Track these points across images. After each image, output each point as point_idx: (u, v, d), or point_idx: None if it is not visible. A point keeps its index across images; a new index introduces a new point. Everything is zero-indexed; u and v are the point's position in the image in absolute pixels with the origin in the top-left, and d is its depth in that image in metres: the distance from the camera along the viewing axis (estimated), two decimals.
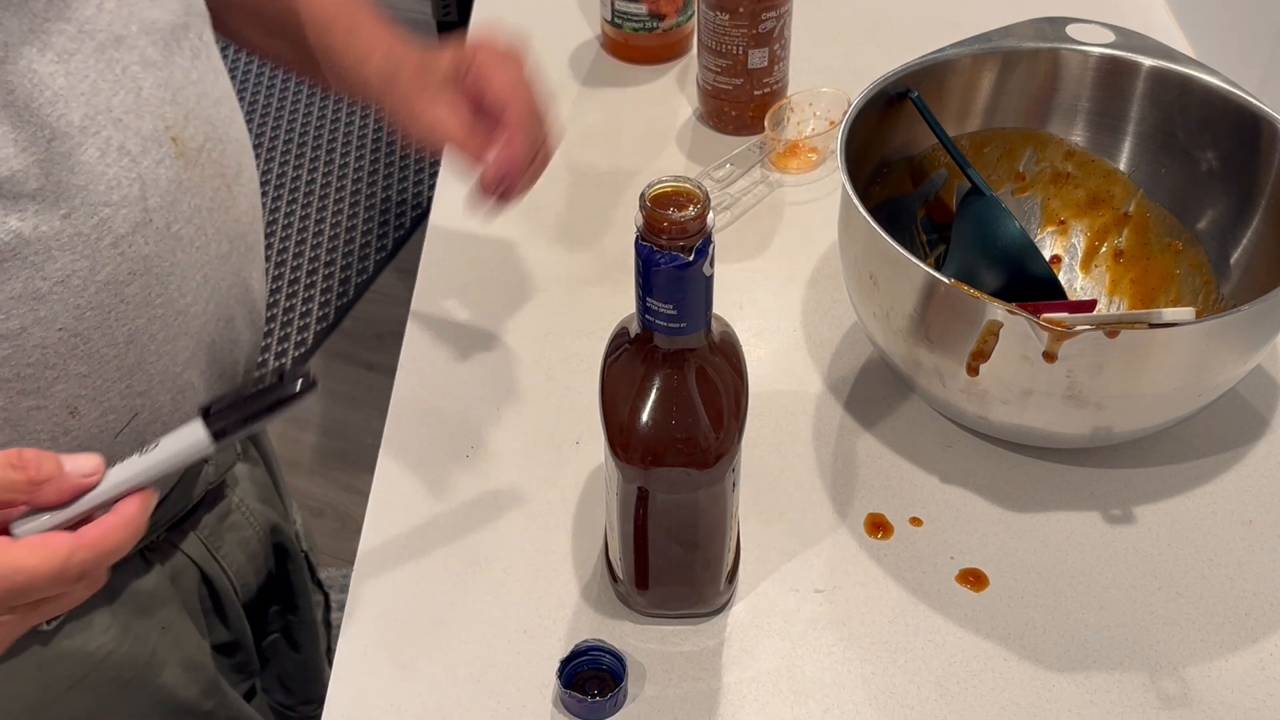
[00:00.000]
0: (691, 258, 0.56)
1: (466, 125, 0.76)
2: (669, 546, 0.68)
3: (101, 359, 0.67)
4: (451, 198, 1.01)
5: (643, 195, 0.56)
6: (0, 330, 0.63)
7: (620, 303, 0.92)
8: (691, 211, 0.56)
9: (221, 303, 0.74)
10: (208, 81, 0.72)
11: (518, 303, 0.93)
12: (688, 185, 0.57)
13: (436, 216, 1.00)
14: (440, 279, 0.95)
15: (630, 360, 0.63)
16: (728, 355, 0.64)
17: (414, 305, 0.93)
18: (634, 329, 0.62)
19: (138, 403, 0.70)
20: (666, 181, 0.57)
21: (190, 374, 0.73)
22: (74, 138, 0.62)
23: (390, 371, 0.88)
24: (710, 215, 0.56)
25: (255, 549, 0.89)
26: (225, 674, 0.87)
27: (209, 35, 0.74)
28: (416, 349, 0.89)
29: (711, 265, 0.58)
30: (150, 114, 0.66)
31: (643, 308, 0.59)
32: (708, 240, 0.56)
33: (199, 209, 0.71)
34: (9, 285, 0.62)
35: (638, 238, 0.57)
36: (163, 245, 0.68)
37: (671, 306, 0.58)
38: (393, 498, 0.79)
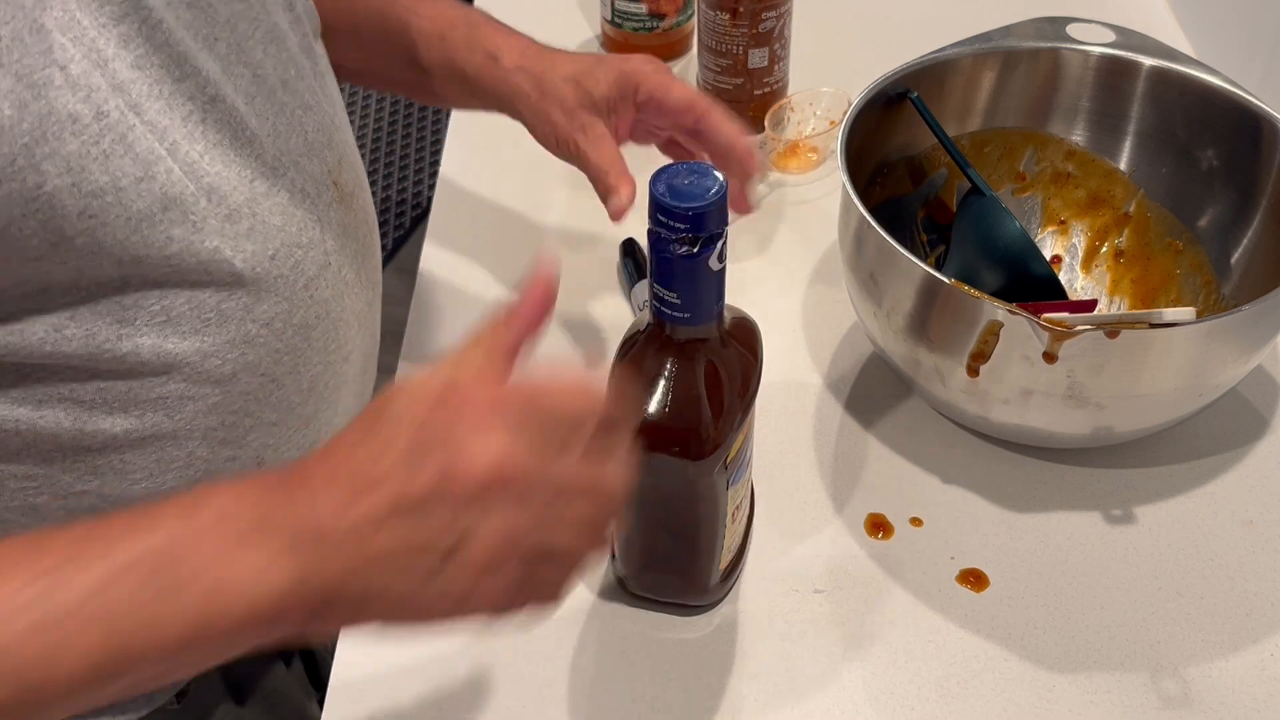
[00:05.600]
0: (697, 249, 0.56)
1: (621, 160, 0.76)
2: (659, 534, 0.69)
3: (289, 406, 0.66)
4: (451, 197, 1.01)
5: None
6: (215, 375, 0.62)
7: (620, 303, 0.92)
8: None
9: (365, 351, 0.75)
10: (346, 127, 0.72)
11: None
12: None
13: (436, 216, 1.00)
14: (440, 279, 0.95)
15: (641, 345, 0.63)
16: (739, 352, 0.64)
17: (414, 305, 0.93)
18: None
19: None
20: None
21: (344, 425, 0.73)
22: (269, 178, 0.62)
23: (390, 371, 0.88)
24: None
25: None
26: None
27: (335, 85, 0.74)
28: (416, 349, 0.89)
29: (721, 259, 0.58)
30: (316, 157, 0.66)
31: (651, 294, 0.60)
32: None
33: (356, 254, 0.70)
34: (227, 329, 0.61)
35: (649, 226, 0.57)
36: (337, 289, 0.68)
37: (676, 295, 0.59)
38: None
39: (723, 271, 0.59)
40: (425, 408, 0.48)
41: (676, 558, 0.70)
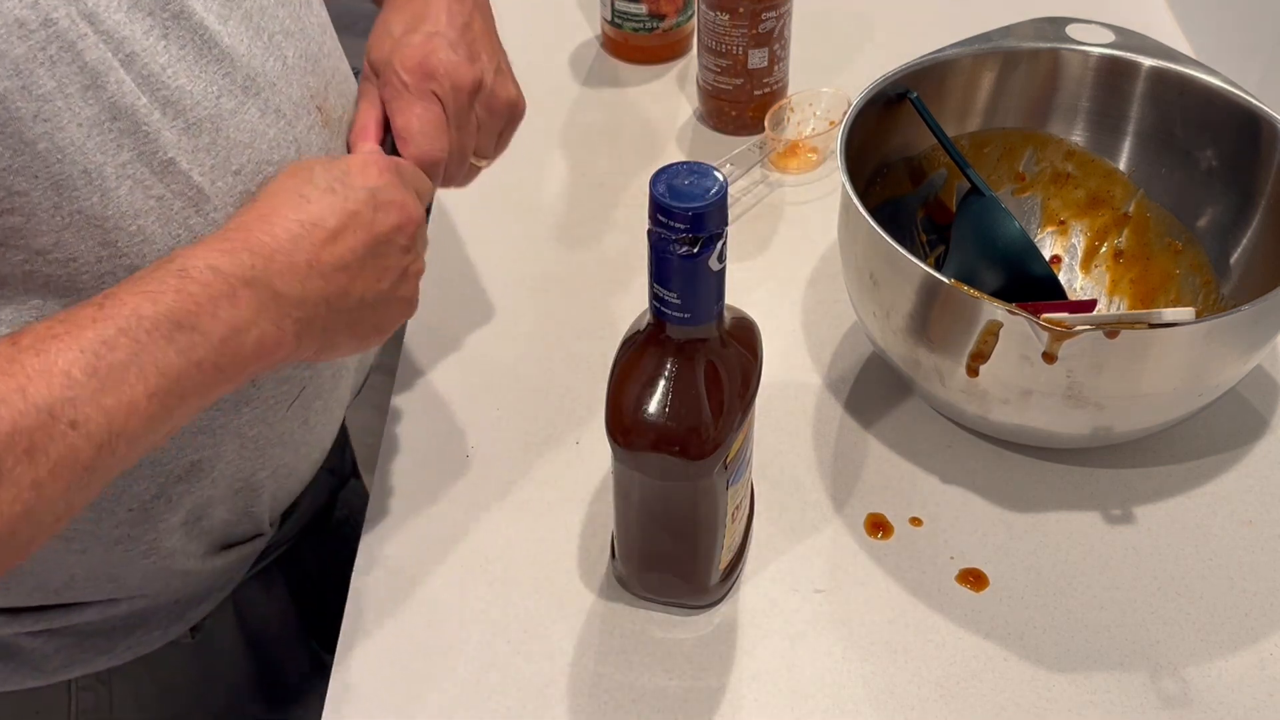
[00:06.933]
0: (697, 249, 0.56)
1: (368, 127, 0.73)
2: (659, 533, 0.69)
3: None
4: (452, 198, 1.01)
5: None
6: None
7: (620, 303, 0.92)
8: None
9: None
10: (336, 55, 0.73)
11: (518, 303, 0.93)
12: None
13: (437, 217, 1.00)
14: (440, 279, 0.95)
15: (641, 345, 0.64)
16: (739, 352, 0.64)
17: None
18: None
19: (306, 375, 0.71)
20: None
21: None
22: (238, 95, 0.62)
23: (390, 371, 0.88)
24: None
25: None
26: None
27: (325, 12, 0.74)
28: (416, 349, 0.89)
29: (721, 259, 0.58)
30: (297, 81, 0.66)
31: (651, 294, 0.60)
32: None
33: None
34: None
35: (649, 226, 0.57)
36: None
37: (675, 295, 0.59)
38: (393, 498, 0.79)
39: (723, 271, 0.59)
40: (347, 170, 0.62)
41: (676, 558, 0.70)
